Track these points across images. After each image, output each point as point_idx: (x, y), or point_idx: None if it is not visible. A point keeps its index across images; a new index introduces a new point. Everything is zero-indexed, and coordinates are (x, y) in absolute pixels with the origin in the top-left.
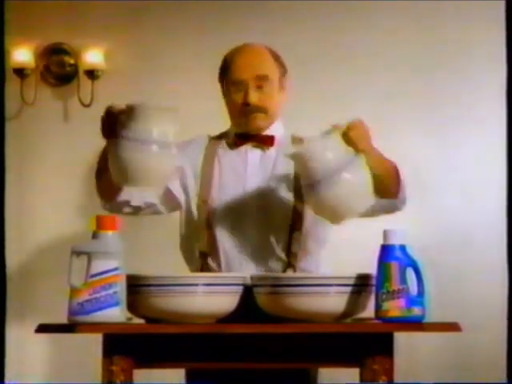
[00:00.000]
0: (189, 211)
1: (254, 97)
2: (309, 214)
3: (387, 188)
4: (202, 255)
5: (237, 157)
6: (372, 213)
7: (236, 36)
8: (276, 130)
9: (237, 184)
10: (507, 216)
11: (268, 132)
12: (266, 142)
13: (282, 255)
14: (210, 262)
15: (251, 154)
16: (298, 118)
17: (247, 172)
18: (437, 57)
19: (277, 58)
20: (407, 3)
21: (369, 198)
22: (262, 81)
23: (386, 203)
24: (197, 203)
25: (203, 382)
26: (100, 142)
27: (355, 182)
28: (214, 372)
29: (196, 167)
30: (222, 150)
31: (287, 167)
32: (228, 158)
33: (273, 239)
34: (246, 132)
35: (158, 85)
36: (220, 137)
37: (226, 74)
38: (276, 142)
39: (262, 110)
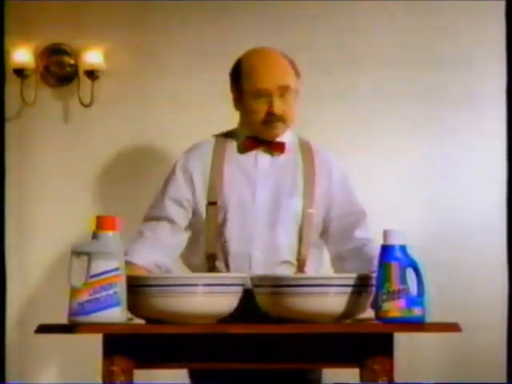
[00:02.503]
0: (196, 214)
1: (278, 107)
2: (314, 221)
3: None
4: (209, 258)
5: (247, 160)
6: None
7: (237, 36)
8: (286, 136)
9: (247, 187)
10: (507, 216)
11: (280, 138)
12: (277, 148)
13: (291, 259)
14: (218, 264)
15: (261, 158)
16: (307, 119)
17: (257, 175)
18: (437, 56)
19: (293, 65)
20: (409, 3)
21: None
22: (284, 91)
23: None
24: (206, 205)
25: (208, 382)
26: (100, 143)
27: None
28: (218, 372)
29: (205, 171)
30: (231, 152)
31: (296, 173)
32: (238, 161)
33: (281, 243)
34: (257, 136)
35: (158, 85)
36: (226, 136)
37: (246, 81)
38: (286, 148)
39: (283, 119)
